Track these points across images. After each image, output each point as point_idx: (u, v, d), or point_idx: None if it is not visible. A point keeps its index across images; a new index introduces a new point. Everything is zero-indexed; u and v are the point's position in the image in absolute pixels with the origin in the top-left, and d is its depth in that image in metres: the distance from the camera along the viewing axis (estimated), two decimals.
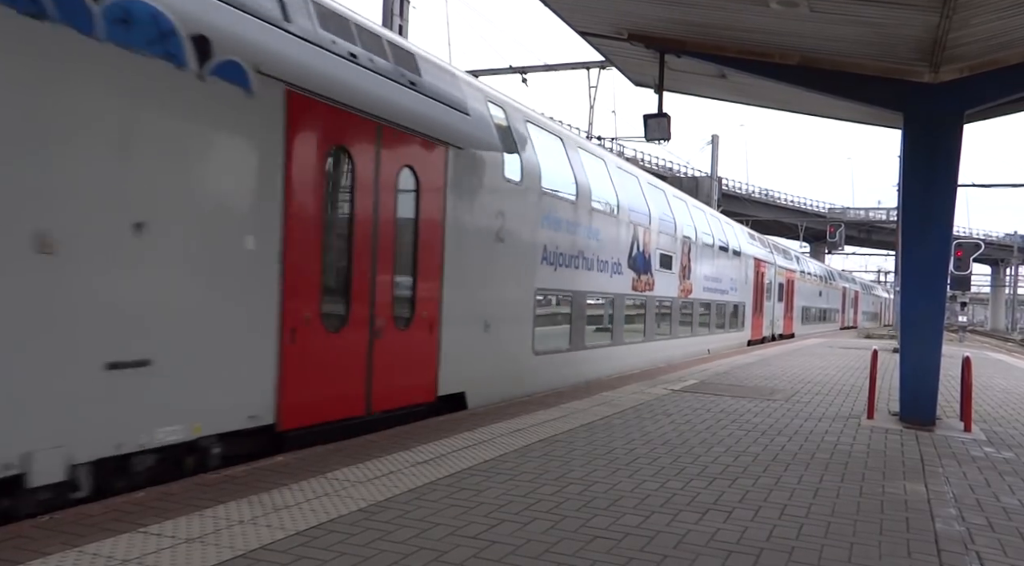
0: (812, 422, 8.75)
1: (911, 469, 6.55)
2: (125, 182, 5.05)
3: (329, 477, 5.44)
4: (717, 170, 37.54)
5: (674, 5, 8.15)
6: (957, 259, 26.25)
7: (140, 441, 5.24)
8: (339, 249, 7.03)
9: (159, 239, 5.28)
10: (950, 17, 7.05)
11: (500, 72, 24.61)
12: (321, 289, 6.77)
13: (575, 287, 12.09)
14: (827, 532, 4.68)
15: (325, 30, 6.97)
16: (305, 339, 6.60)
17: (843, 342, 27.88)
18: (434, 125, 8.32)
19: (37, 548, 3.87)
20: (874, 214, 77.34)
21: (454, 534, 4.34)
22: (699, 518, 4.85)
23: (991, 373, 16.63)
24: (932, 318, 8.98)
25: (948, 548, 4.48)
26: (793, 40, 8.60)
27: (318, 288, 6.73)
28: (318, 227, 6.73)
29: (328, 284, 6.91)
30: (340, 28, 7.24)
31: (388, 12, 16.76)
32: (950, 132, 8.72)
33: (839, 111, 11.62)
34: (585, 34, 9.57)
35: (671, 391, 10.93)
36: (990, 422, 9.39)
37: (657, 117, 10.22)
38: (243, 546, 4.00)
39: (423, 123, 8.12)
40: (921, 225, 8.92)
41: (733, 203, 56.47)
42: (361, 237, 7.25)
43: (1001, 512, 5.33)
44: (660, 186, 17.49)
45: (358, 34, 7.48)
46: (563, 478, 5.69)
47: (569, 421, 8.09)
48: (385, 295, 7.63)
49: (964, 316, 36.03)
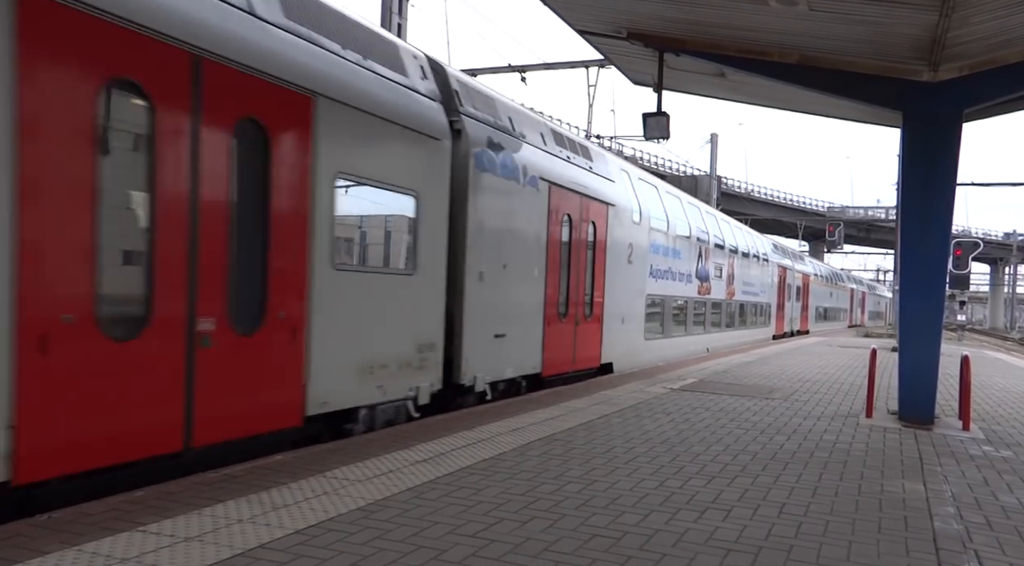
0: (811, 421, 8.75)
1: (910, 468, 6.56)
2: (503, 243, 9.76)
3: (328, 476, 5.44)
4: (716, 169, 37.53)
5: (673, 4, 8.14)
6: (956, 258, 26.29)
7: (504, 376, 9.96)
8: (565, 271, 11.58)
9: (513, 272, 10.04)
10: (949, 16, 7.05)
11: (499, 71, 24.60)
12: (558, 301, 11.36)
13: (665, 293, 16.64)
14: (826, 531, 4.68)
15: (559, 146, 11.66)
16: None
17: (842, 341, 27.90)
18: (600, 192, 12.75)
19: (36, 547, 3.87)
20: (873, 213, 77.42)
21: (453, 533, 4.34)
22: (698, 517, 4.85)
23: (990, 372, 16.65)
24: (931, 317, 8.99)
25: (946, 546, 4.49)
26: (792, 39, 8.60)
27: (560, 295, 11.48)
28: (557, 263, 11.22)
29: (561, 298, 11.45)
30: (562, 142, 11.83)
31: (387, 11, 16.74)
32: (949, 131, 8.73)
33: (838, 110, 11.62)
34: (584, 33, 9.57)
35: (670, 390, 10.94)
36: (989, 421, 9.40)
37: (656, 116, 10.23)
38: (242, 545, 4.00)
39: (596, 192, 12.58)
40: (920, 224, 8.92)
41: (732, 202, 56.51)
42: (576, 264, 11.92)
43: (999, 511, 5.33)
44: (715, 213, 22.86)
45: (568, 144, 12.05)
46: (562, 477, 5.70)
47: (568, 420, 8.09)
48: (579, 297, 12.10)
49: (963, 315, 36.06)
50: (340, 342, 6.97)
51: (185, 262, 5.49)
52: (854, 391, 11.77)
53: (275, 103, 6.26)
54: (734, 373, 13.69)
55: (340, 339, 6.97)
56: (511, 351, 10.03)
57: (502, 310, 9.78)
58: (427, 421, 7.75)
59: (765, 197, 68.59)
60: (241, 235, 5.95)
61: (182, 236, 5.46)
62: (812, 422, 8.67)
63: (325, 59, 6.83)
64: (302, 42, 6.59)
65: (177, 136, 5.50)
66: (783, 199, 71.42)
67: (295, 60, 6.44)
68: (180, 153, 5.51)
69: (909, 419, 8.94)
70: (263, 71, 6.11)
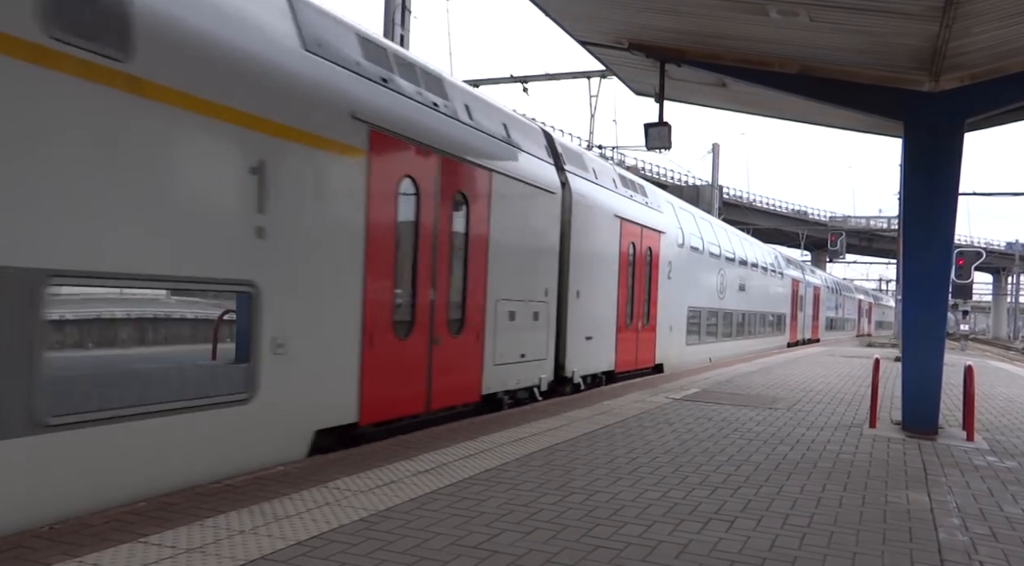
0: (814, 431, 8.72)
1: (914, 478, 6.53)
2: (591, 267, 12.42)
3: (330, 486, 5.42)
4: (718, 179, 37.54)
5: (674, 15, 8.17)
6: (959, 267, 26.26)
7: (591, 370, 12.61)
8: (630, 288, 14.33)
9: (597, 289, 12.66)
10: (950, 26, 7.06)
11: (501, 81, 24.61)
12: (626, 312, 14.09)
13: (700, 305, 19.17)
14: (830, 542, 4.66)
15: (625, 187, 14.30)
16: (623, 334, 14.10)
17: (844, 350, 27.84)
18: (653, 222, 15.52)
19: (38, 558, 3.86)
20: (875, 222, 77.43)
21: (455, 544, 4.32)
22: (701, 527, 4.83)
23: (993, 382, 16.60)
24: (934, 327, 8.97)
25: (951, 558, 4.46)
26: (793, 49, 8.62)
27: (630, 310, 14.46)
28: (624, 281, 13.89)
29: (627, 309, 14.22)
30: (627, 183, 14.52)
31: (390, 22, 16.80)
32: (951, 141, 8.73)
33: (840, 120, 11.64)
34: (586, 43, 9.60)
35: (673, 400, 10.91)
36: (993, 431, 9.36)
37: (658, 126, 10.25)
38: (243, 556, 3.99)
39: (651, 222, 15.34)
40: (922, 233, 8.91)
41: (734, 211, 56.48)
42: (638, 282, 14.63)
43: (1004, 522, 5.30)
44: (739, 234, 25.91)
45: (630, 184, 14.74)
46: (565, 487, 5.68)
47: (570, 430, 8.07)
48: (640, 309, 14.77)
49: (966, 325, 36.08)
50: (501, 346, 9.76)
51: (429, 290, 8.18)
52: (857, 401, 11.74)
53: (473, 179, 8.99)
54: (736, 383, 13.66)
55: (502, 344, 9.77)
56: (595, 352, 12.87)
57: (589, 319, 12.49)
58: (433, 431, 7.74)
59: (767, 207, 68.60)
60: (453, 272, 8.69)
61: (428, 274, 8.15)
62: (815, 432, 8.64)
63: (496, 145, 9.63)
64: (483, 135, 9.33)
65: (427, 208, 8.10)
66: (785, 209, 71.45)
67: (482, 149, 9.22)
68: (428, 219, 8.12)
69: (913, 429, 8.91)
70: (468, 159, 8.86)
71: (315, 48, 6.63)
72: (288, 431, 6.29)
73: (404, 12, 16.99)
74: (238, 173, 5.73)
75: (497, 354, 9.62)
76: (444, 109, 8.49)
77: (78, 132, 4.62)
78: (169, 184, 5.19)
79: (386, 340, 7.41)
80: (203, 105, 5.40)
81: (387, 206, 7.36)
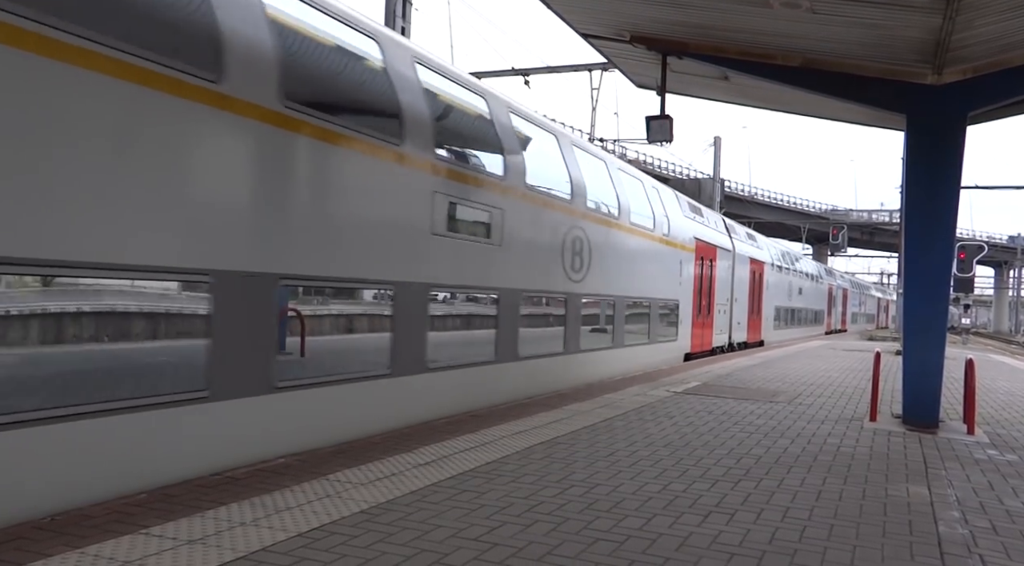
0: (815, 424, 8.73)
1: (914, 472, 6.53)
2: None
3: (331, 479, 5.43)
4: (720, 172, 37.49)
5: (676, 7, 8.14)
6: (960, 261, 26.22)
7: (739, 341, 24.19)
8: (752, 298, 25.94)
9: (739, 302, 23.42)
10: (953, 19, 7.03)
11: (502, 74, 24.58)
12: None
13: (780, 304, 29.35)
14: (830, 535, 4.66)
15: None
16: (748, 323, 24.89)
17: (845, 344, 27.85)
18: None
19: (39, 550, 3.87)
20: (877, 216, 77.38)
21: (456, 536, 4.33)
22: (702, 520, 4.84)
23: (994, 375, 16.60)
24: (935, 320, 8.96)
25: (951, 551, 4.47)
26: (795, 42, 8.59)
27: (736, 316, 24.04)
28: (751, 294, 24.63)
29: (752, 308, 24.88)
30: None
31: (391, 14, 16.76)
32: (953, 134, 8.71)
33: (842, 113, 11.60)
34: (587, 36, 9.57)
35: (673, 393, 10.92)
36: (993, 425, 9.36)
37: (659, 119, 10.22)
38: (244, 548, 4.00)
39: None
40: (924, 227, 8.90)
41: (736, 205, 56.40)
42: (755, 294, 25.48)
43: (1005, 515, 5.31)
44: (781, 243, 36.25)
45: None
46: (565, 480, 5.69)
47: (571, 423, 8.08)
48: (756, 307, 25.66)
49: (967, 318, 36.25)
50: (718, 325, 20.54)
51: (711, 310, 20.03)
52: (858, 394, 11.74)
53: (709, 252, 19.30)
54: (737, 376, 13.67)
55: (719, 324, 20.70)
56: (740, 331, 23.42)
57: (739, 314, 23.23)
58: (430, 424, 7.75)
59: (769, 200, 68.51)
60: (706, 297, 19.31)
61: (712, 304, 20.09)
62: (816, 425, 8.64)
63: (702, 228, 18.91)
64: (700, 224, 19.11)
65: (703, 270, 18.93)
66: (787, 202, 71.36)
67: (708, 235, 19.47)
68: (703, 275, 19.07)
69: (913, 423, 8.92)
70: (706, 242, 19.04)
71: (689, 214, 18.37)
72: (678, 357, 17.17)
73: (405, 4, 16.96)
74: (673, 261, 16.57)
75: (716, 330, 20.53)
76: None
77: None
78: None
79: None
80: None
81: (707, 270, 18.56)
